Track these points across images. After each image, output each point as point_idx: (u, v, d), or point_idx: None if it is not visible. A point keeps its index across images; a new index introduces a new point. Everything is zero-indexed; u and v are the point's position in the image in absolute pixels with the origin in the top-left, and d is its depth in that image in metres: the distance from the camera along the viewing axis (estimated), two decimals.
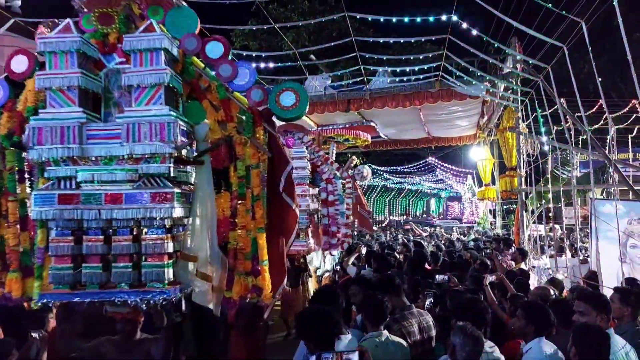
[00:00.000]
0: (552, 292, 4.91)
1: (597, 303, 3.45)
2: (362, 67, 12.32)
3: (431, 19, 8.70)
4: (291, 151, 6.62)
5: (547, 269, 8.33)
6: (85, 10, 3.34)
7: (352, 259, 7.41)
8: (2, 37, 8.55)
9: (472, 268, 6.73)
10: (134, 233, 2.97)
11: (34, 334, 3.71)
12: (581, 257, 8.70)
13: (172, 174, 2.98)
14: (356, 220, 10.85)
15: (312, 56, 16.33)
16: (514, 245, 10.08)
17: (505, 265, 7.50)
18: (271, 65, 13.44)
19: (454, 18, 8.31)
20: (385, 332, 3.56)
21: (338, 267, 8.91)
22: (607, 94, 12.61)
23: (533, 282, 7.03)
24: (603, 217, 6.87)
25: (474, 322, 3.13)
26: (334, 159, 10.66)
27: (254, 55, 14.39)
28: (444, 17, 8.46)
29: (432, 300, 4.89)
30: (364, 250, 8.54)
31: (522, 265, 7.59)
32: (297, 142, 7.16)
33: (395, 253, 9.23)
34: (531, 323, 3.39)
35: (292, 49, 13.86)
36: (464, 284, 5.57)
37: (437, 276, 5.71)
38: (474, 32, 8.37)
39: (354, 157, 11.77)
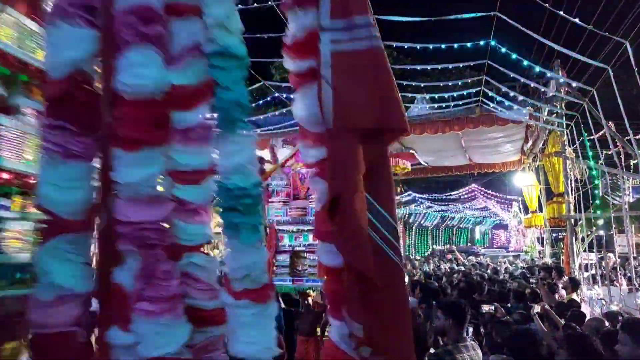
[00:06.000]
0: (606, 324, 4.67)
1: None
2: (400, 94, 12.32)
3: (469, 44, 8.63)
4: None
5: (600, 299, 7.90)
6: None
7: None
8: None
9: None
10: None
11: None
12: (637, 286, 8.23)
13: None
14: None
15: None
16: (565, 274, 9.62)
17: (557, 296, 7.15)
18: None
19: (492, 43, 8.23)
20: None
21: None
22: None
23: (586, 314, 6.66)
24: None
25: (527, 354, 3.02)
26: None
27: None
28: (481, 43, 8.39)
29: (472, 332, 4.72)
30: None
31: (574, 296, 7.22)
32: None
33: (441, 282, 8.98)
34: (572, 355, 3.24)
35: None
36: (510, 316, 5.37)
37: (483, 306, 5.53)
38: (514, 56, 8.25)
39: None
